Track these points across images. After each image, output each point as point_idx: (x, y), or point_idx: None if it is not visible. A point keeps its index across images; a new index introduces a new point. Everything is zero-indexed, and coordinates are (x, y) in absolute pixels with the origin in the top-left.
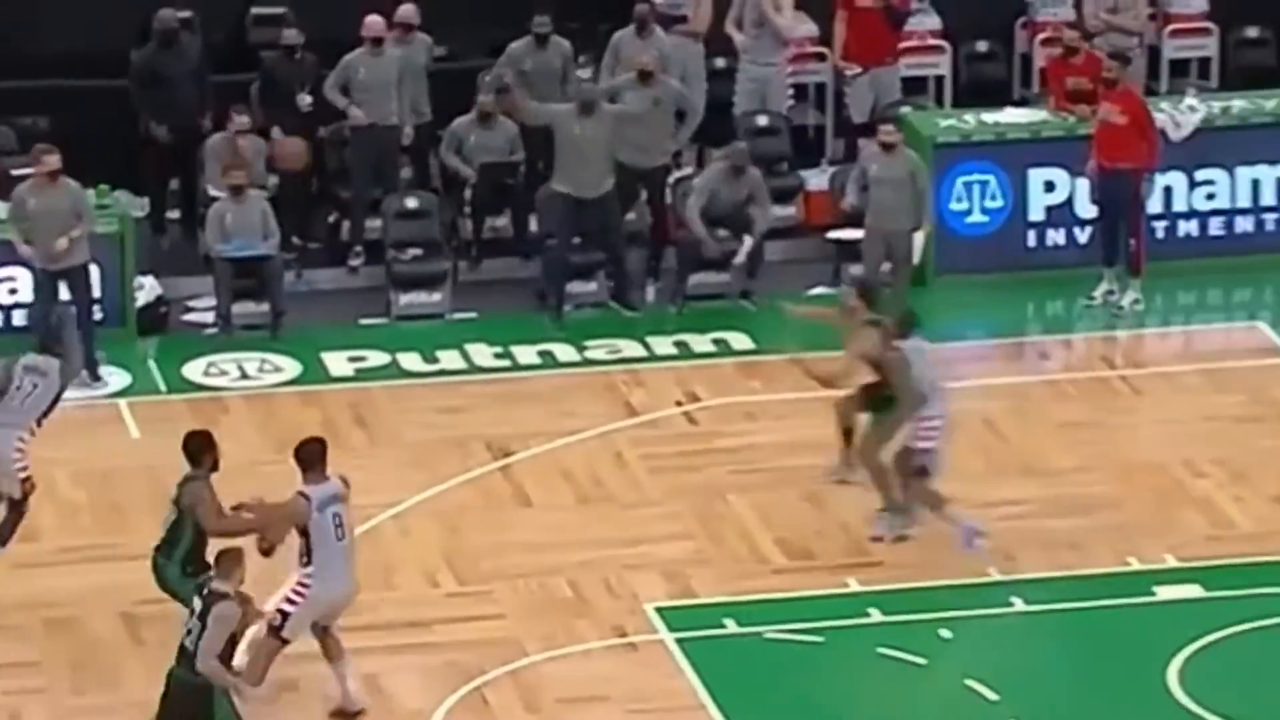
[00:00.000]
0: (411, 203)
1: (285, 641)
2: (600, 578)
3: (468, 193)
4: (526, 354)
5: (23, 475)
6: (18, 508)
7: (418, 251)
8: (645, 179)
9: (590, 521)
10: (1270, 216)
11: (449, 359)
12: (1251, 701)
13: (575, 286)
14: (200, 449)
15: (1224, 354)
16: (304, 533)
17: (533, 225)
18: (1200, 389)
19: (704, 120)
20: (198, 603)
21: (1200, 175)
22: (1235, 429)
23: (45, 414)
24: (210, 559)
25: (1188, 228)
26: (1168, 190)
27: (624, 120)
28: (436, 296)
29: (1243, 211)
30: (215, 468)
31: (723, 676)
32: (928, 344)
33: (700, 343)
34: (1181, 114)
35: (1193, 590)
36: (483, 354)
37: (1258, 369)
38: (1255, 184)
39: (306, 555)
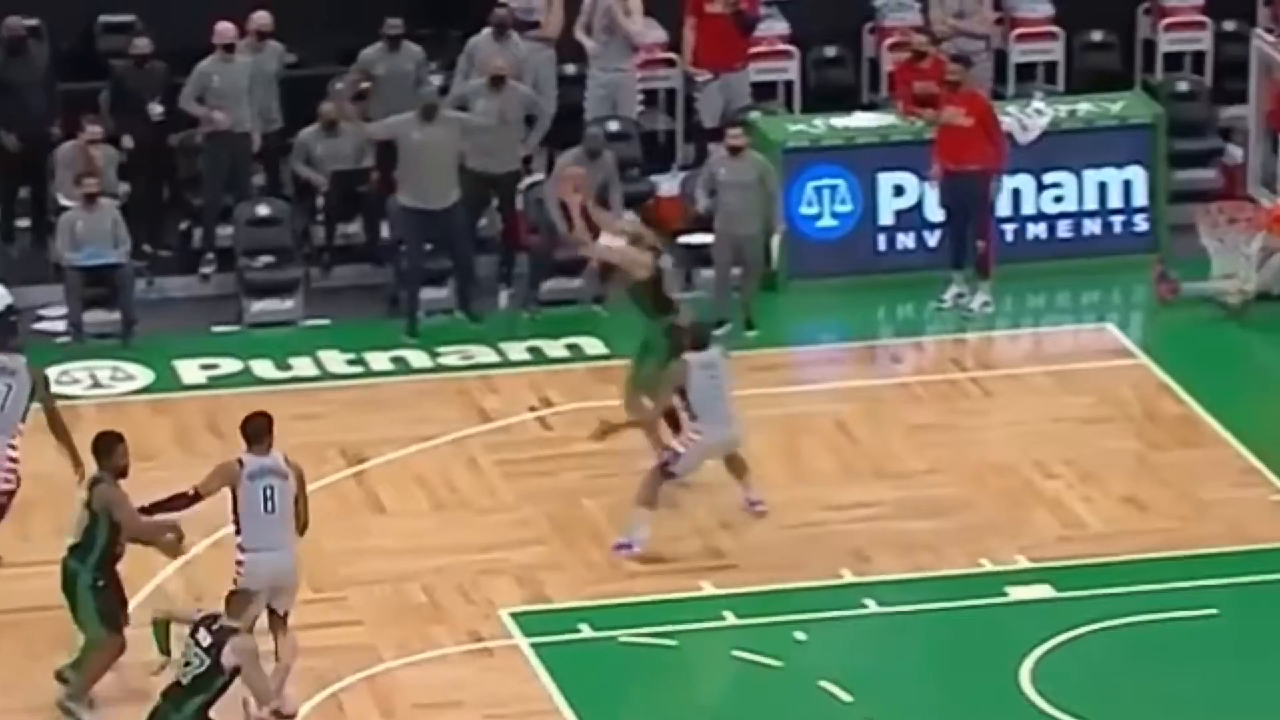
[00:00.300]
0: (263, 210)
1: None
2: (455, 583)
3: (319, 200)
4: (379, 360)
5: (7, 487)
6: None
7: (270, 259)
8: (495, 185)
9: (445, 527)
10: (1118, 219)
11: (302, 366)
12: (1101, 701)
13: (428, 293)
14: (107, 449)
15: (1073, 355)
16: (234, 499)
17: (385, 231)
18: (1050, 390)
19: (554, 126)
20: (203, 636)
21: (1048, 178)
22: (1084, 430)
23: (24, 415)
24: (116, 566)
25: (1036, 230)
26: (1016, 193)
27: (472, 127)
28: (289, 303)
29: (1090, 214)
30: (123, 473)
31: (577, 681)
32: (721, 360)
33: (553, 348)
34: (1028, 117)
35: (1044, 590)
36: (335, 361)
37: (1106, 370)
38: (1102, 186)
39: (236, 525)
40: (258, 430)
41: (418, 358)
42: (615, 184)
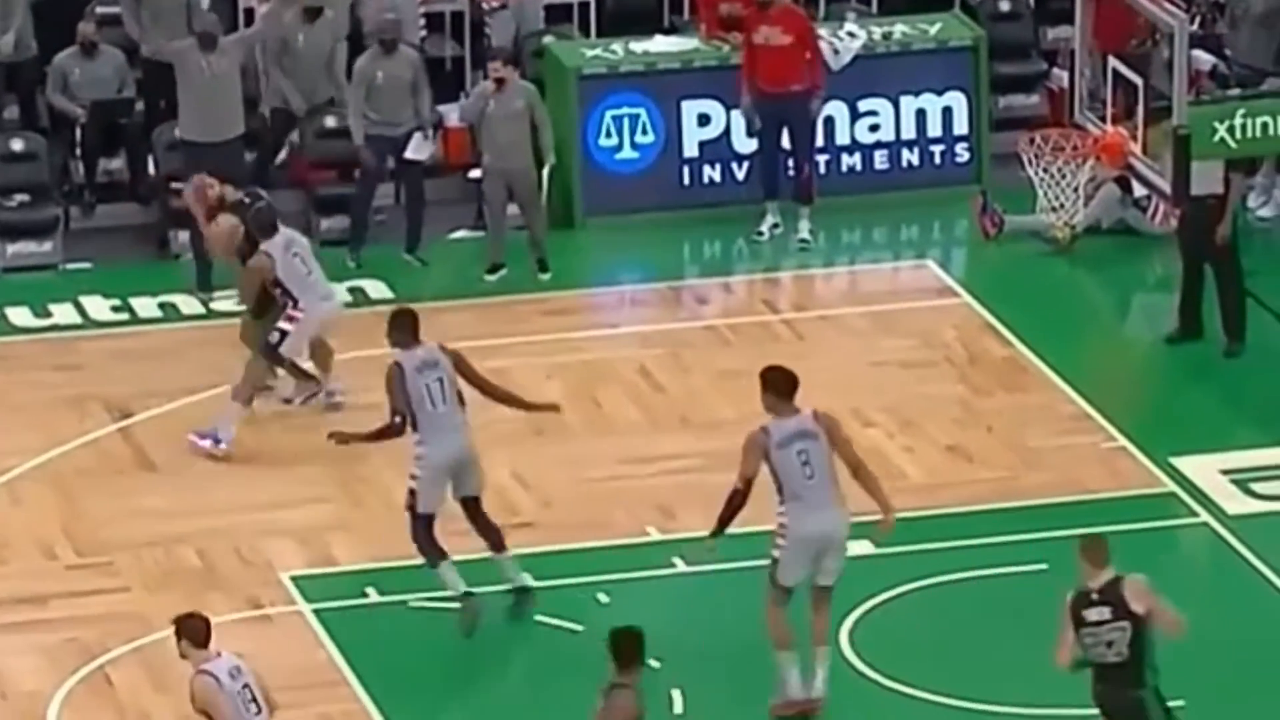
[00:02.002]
0: (16, 145)
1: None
2: (231, 546)
3: (77, 133)
4: (146, 306)
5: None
6: None
7: (25, 198)
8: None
9: (220, 486)
10: (937, 149)
11: (62, 313)
12: (923, 661)
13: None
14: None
15: (891, 295)
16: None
17: (150, 168)
18: (867, 332)
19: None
20: None
21: (862, 106)
22: (904, 374)
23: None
24: None
25: (851, 161)
26: (829, 122)
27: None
28: (47, 246)
29: (908, 144)
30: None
31: (365, 648)
32: (298, 237)
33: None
34: (840, 41)
35: (863, 547)
36: (99, 307)
37: (927, 310)
38: (920, 114)
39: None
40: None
41: (188, 303)
42: (423, 84)
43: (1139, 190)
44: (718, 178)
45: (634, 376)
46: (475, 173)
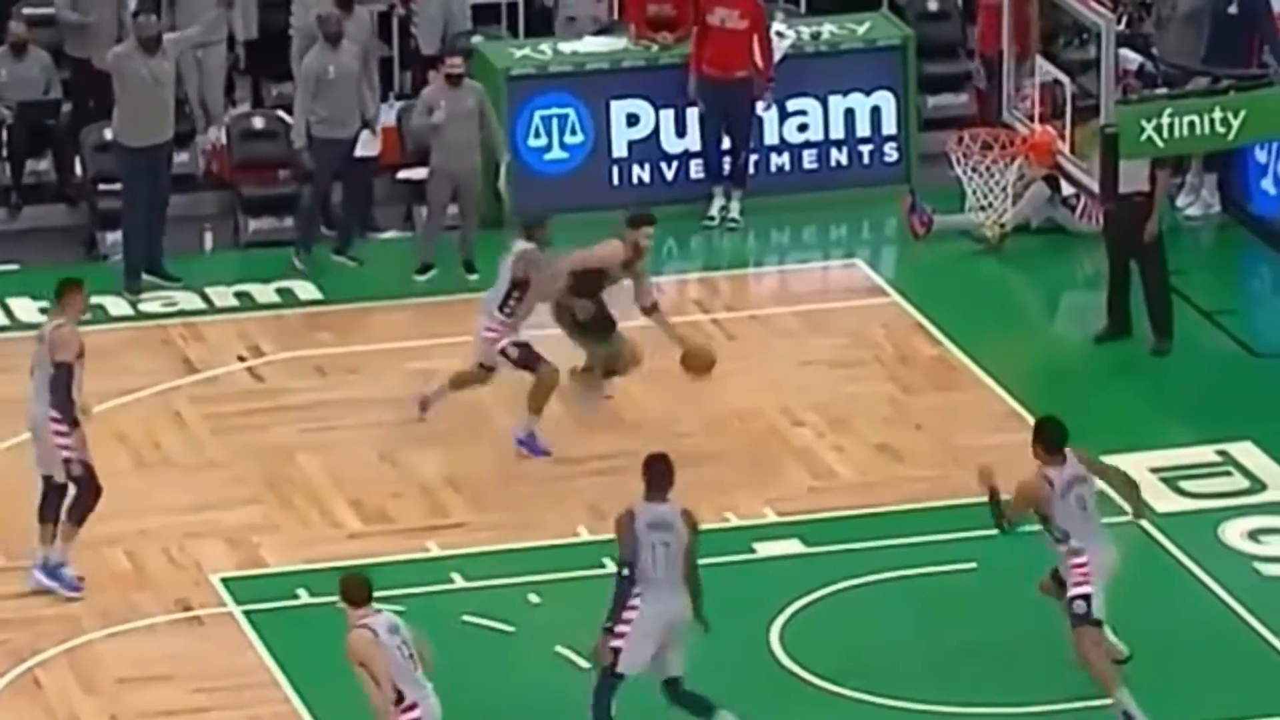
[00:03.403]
0: None
1: None
2: (161, 547)
3: (4, 134)
4: None
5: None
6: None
7: None
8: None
9: (149, 487)
10: (866, 148)
11: None
12: (855, 661)
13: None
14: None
15: (821, 295)
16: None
17: (78, 169)
18: (797, 332)
19: (258, 52)
20: None
21: (791, 105)
22: (834, 374)
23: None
24: None
25: (780, 161)
26: (757, 122)
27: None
28: None
29: (837, 143)
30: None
31: (296, 650)
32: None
33: (263, 293)
34: (769, 41)
35: (793, 546)
36: (27, 309)
37: (857, 309)
38: (849, 114)
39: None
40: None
41: (116, 305)
42: (373, 54)
43: (1067, 189)
44: (647, 178)
45: (564, 377)
46: (405, 173)
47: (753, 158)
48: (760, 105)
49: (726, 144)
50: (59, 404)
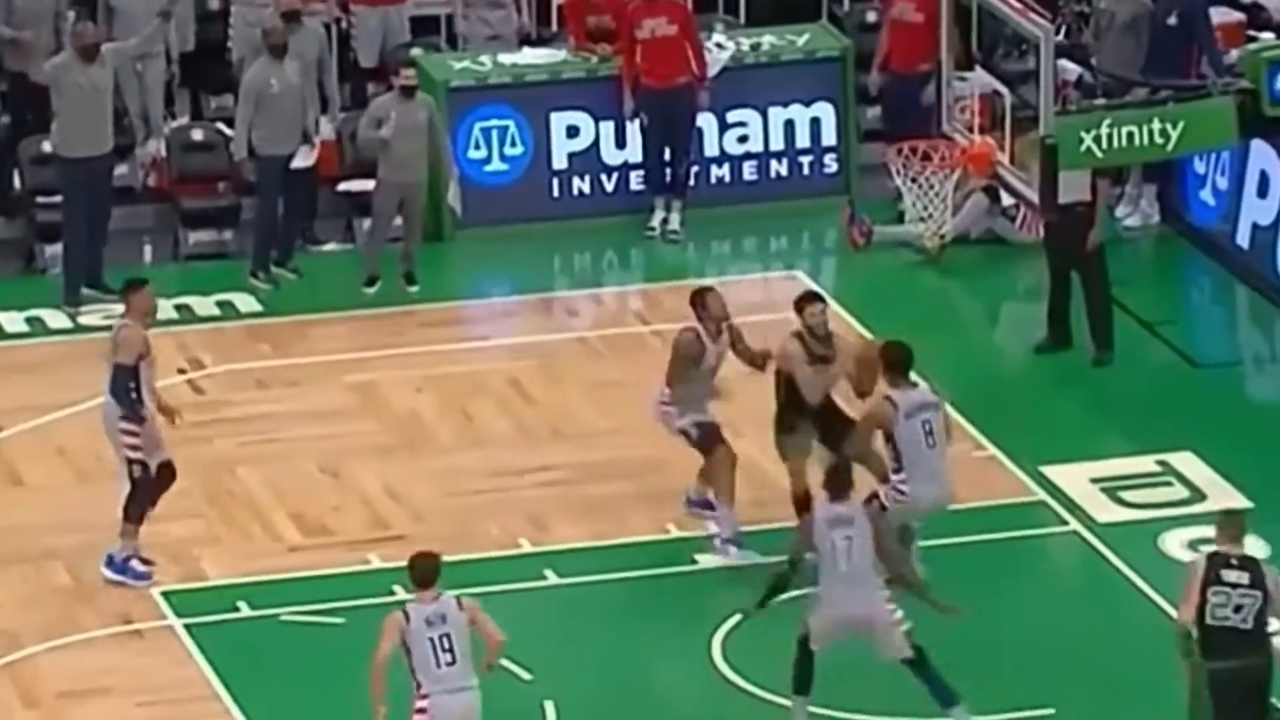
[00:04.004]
0: None
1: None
2: (102, 561)
3: None
4: (13, 321)
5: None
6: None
7: None
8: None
9: (90, 501)
10: (806, 159)
11: None
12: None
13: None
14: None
15: (761, 306)
16: (889, 438)
17: (16, 182)
18: None
19: (196, 67)
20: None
21: (731, 117)
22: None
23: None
24: None
25: (720, 173)
26: (698, 133)
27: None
28: None
29: (776, 154)
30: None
31: (236, 664)
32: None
33: (203, 305)
34: (708, 53)
35: (736, 558)
36: None
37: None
38: (789, 125)
39: (896, 461)
40: (900, 360)
41: (55, 318)
42: (327, 66)
43: (1007, 200)
44: (587, 189)
45: (505, 388)
46: (345, 185)
47: (693, 169)
48: (703, 100)
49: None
50: (122, 404)
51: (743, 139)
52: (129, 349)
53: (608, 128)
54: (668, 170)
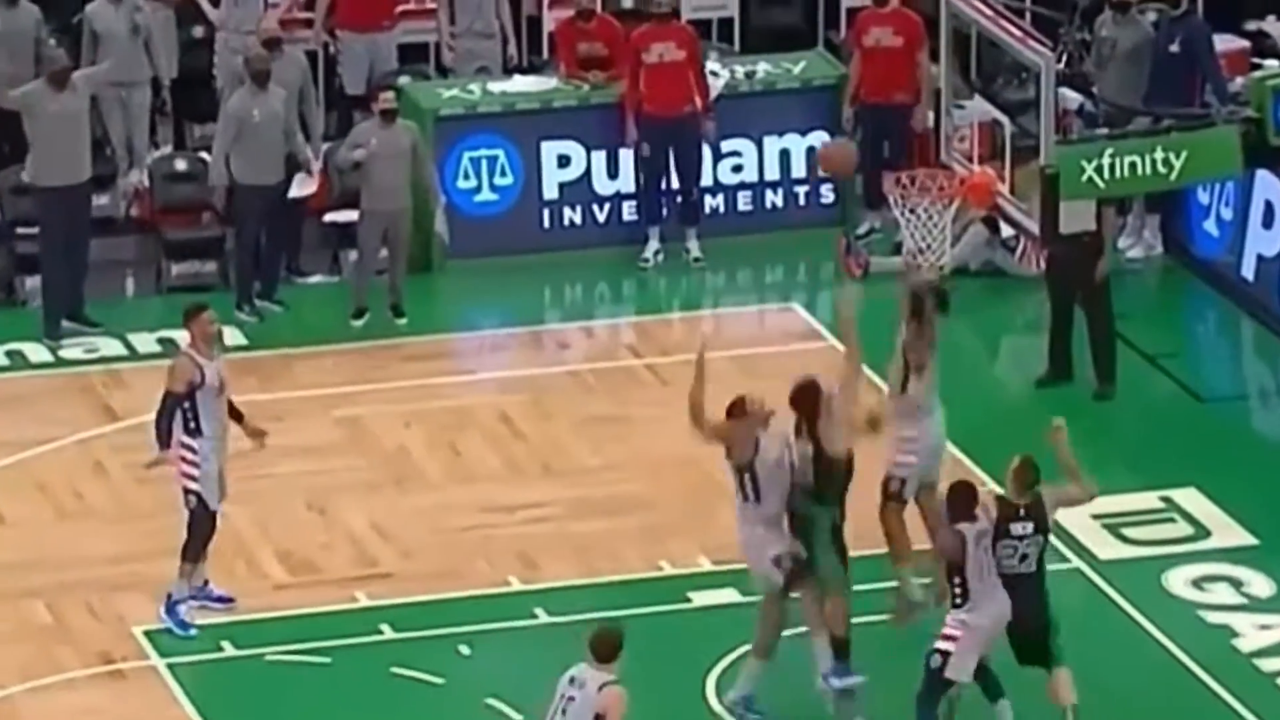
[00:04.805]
0: None
1: None
2: (83, 600)
3: None
4: None
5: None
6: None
7: None
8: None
9: (70, 538)
10: (802, 190)
11: None
12: (789, 712)
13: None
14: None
15: (757, 339)
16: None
17: None
18: (733, 377)
19: (181, 93)
20: None
21: (725, 146)
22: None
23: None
24: None
25: (714, 203)
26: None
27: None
28: None
29: (772, 185)
30: None
31: (221, 704)
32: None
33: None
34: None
35: (730, 595)
36: None
37: (793, 354)
38: (784, 155)
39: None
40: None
41: (36, 351)
42: (309, 94)
43: (1007, 231)
44: (579, 220)
45: (494, 423)
46: (331, 216)
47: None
48: (709, 131)
49: (668, 184)
50: (158, 430)
51: (737, 168)
52: (177, 377)
53: (599, 157)
54: (673, 199)
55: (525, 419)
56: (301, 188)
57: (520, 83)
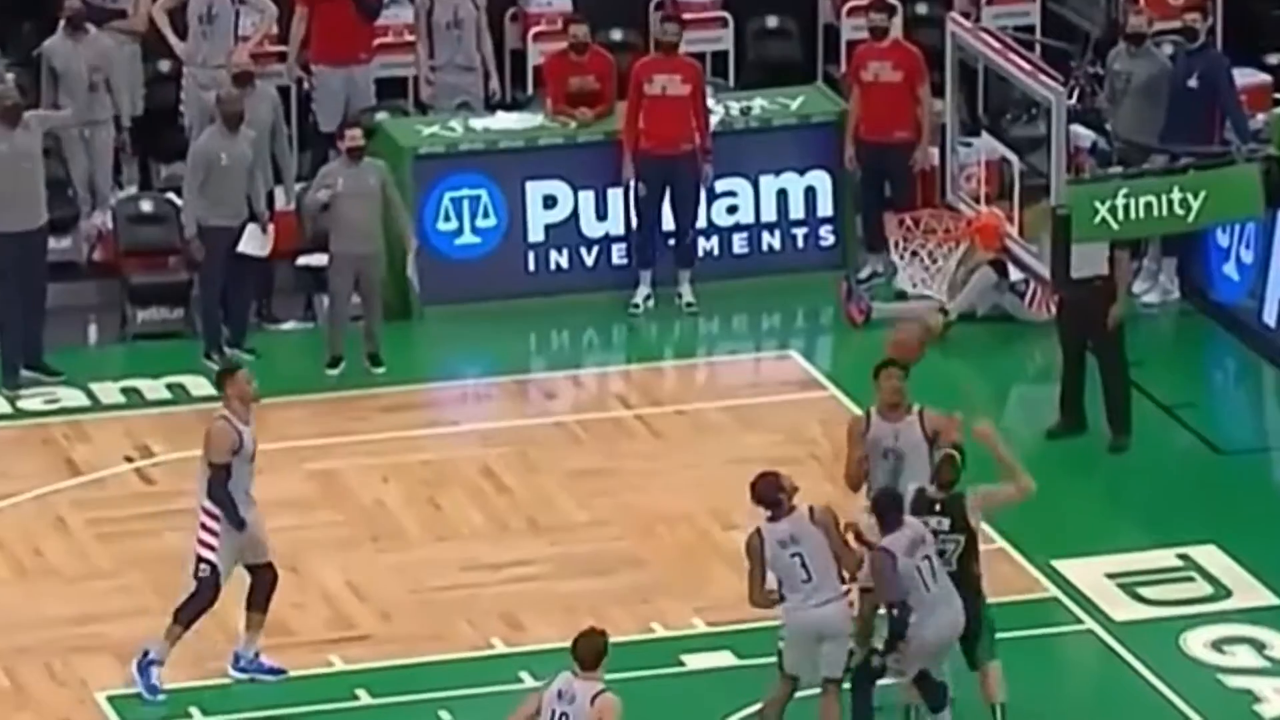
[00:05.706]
0: None
1: None
2: (43, 663)
3: None
4: None
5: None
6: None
7: None
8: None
9: (29, 599)
10: (800, 231)
11: None
12: None
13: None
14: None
15: (753, 388)
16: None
17: None
18: (728, 428)
19: (150, 132)
20: None
21: (720, 186)
22: None
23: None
24: None
25: (708, 245)
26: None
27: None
28: None
29: (769, 226)
30: None
31: None
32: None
33: (153, 389)
34: None
35: (725, 658)
36: None
37: (792, 404)
38: (782, 194)
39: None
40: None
41: None
42: (281, 132)
43: (1016, 274)
44: (565, 263)
45: (477, 477)
46: (304, 259)
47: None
48: (707, 174)
49: (661, 226)
50: (224, 510)
51: (732, 209)
52: (218, 447)
53: (587, 198)
54: (665, 241)
55: (509, 472)
56: (249, 243)
57: (503, 119)
